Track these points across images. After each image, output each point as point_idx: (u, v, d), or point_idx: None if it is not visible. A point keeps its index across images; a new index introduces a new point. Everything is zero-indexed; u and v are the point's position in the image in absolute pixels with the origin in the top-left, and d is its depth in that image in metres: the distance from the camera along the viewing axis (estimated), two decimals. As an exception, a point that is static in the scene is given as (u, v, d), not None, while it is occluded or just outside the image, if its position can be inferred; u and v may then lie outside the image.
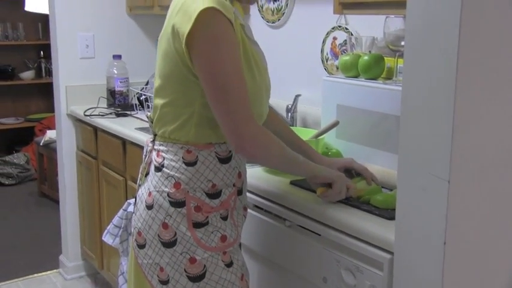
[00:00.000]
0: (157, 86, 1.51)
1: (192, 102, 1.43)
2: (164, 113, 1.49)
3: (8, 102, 5.78)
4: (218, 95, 1.37)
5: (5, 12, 5.50)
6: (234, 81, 1.36)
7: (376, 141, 1.81)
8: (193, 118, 1.45)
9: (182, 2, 1.39)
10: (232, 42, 1.37)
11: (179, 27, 1.37)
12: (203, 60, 1.36)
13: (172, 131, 1.47)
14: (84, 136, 3.15)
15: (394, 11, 1.65)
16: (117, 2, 3.29)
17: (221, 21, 1.35)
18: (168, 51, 1.43)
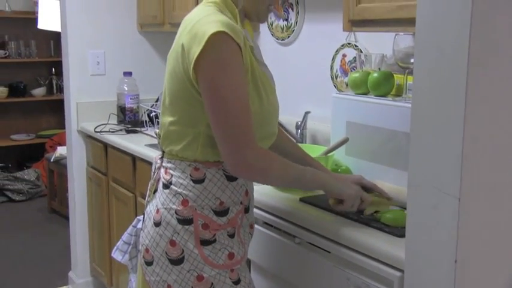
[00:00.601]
0: (164, 104, 1.52)
1: (198, 122, 1.44)
2: (171, 131, 1.49)
3: (19, 119, 5.83)
4: (218, 118, 1.38)
5: (19, 30, 5.57)
6: (234, 107, 1.36)
7: (386, 158, 1.81)
8: (200, 137, 1.45)
9: (193, 23, 1.40)
10: (238, 68, 1.38)
11: (189, 48, 1.38)
12: (207, 84, 1.37)
13: (179, 150, 1.48)
14: (95, 152, 3.17)
15: (404, 28, 1.66)
16: (128, 19, 3.33)
17: (230, 46, 1.36)
18: (176, 69, 1.44)
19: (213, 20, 1.38)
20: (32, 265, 3.82)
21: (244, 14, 1.53)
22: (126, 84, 3.19)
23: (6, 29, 5.55)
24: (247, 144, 1.38)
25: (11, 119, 5.78)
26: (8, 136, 5.71)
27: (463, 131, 1.06)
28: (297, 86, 2.57)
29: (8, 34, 5.54)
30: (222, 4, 1.48)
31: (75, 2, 3.18)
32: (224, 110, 1.36)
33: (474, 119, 1.07)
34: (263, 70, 1.52)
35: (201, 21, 1.39)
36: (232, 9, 1.48)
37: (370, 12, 1.73)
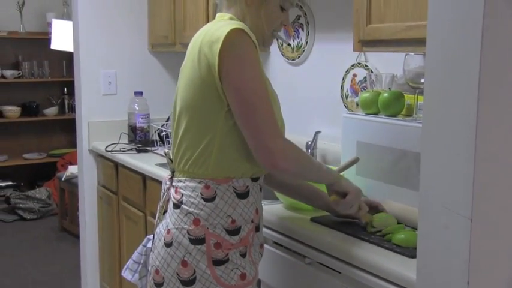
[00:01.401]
0: (177, 117, 1.53)
1: (212, 130, 1.45)
2: (184, 141, 1.50)
3: (32, 138, 5.87)
4: (246, 111, 1.40)
5: (32, 50, 5.64)
6: (261, 98, 1.40)
7: (397, 178, 1.80)
8: (214, 145, 1.45)
9: (207, 29, 1.45)
10: (257, 61, 1.43)
11: (208, 50, 1.41)
12: (232, 78, 1.40)
13: (190, 164, 1.48)
14: (105, 171, 3.18)
15: (414, 48, 1.66)
16: (140, 39, 3.36)
17: (247, 41, 1.41)
18: (193, 77, 1.46)
19: (227, 23, 1.44)
20: (42, 284, 3.82)
21: None
22: (137, 104, 3.21)
23: (20, 50, 5.62)
24: (277, 135, 1.42)
25: (24, 138, 5.83)
26: (20, 155, 5.75)
27: (474, 151, 1.06)
28: (307, 106, 2.57)
29: (22, 54, 5.61)
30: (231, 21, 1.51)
31: (87, 23, 3.22)
32: (252, 101, 1.40)
33: (486, 139, 1.07)
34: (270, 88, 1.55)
35: (215, 26, 1.44)
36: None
37: (380, 32, 1.73)
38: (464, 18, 1.06)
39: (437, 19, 1.12)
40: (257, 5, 1.52)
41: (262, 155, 1.41)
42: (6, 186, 5.62)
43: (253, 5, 1.52)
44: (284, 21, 1.57)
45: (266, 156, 1.41)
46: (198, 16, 2.79)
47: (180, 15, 2.96)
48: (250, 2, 1.51)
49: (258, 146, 1.41)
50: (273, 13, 1.54)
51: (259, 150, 1.41)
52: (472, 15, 1.03)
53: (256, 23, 1.53)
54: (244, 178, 1.49)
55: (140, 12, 3.34)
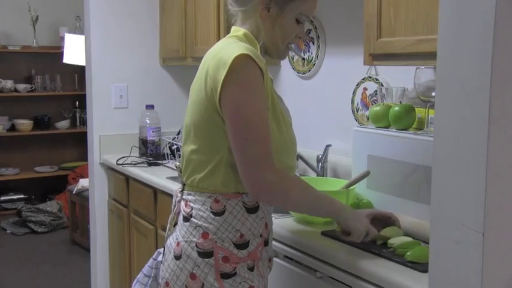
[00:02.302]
0: (186, 134, 1.54)
1: (220, 149, 1.46)
2: (192, 160, 1.51)
3: (43, 151, 5.91)
4: (238, 140, 1.40)
5: (45, 64, 5.70)
6: (255, 129, 1.39)
7: (408, 192, 1.79)
8: (221, 165, 1.46)
9: (217, 52, 1.45)
10: (260, 91, 1.41)
11: (214, 73, 1.41)
12: (230, 104, 1.40)
13: (200, 180, 1.49)
14: (116, 185, 3.19)
15: (424, 62, 1.66)
16: (151, 53, 3.39)
17: (253, 69, 1.40)
18: (200, 97, 1.46)
19: (236, 46, 1.43)
20: (52, 297, 3.82)
21: (264, 51, 1.56)
22: (148, 117, 3.23)
23: (33, 64, 5.68)
24: (268, 165, 1.40)
25: (35, 151, 5.87)
26: (32, 168, 5.79)
27: (486, 165, 1.05)
28: (318, 119, 2.57)
29: (34, 68, 5.67)
30: (244, 38, 1.52)
31: (99, 37, 3.25)
32: (246, 130, 1.39)
33: (497, 152, 1.06)
34: (280, 104, 1.55)
35: (225, 48, 1.44)
36: (254, 45, 1.51)
37: (391, 46, 1.74)
38: (475, 31, 1.06)
39: (448, 33, 1.12)
40: (272, 19, 1.51)
41: (247, 184, 1.42)
42: (18, 199, 5.65)
43: (268, 19, 1.51)
44: (299, 34, 1.56)
45: (250, 186, 1.41)
46: (209, 30, 2.81)
47: (191, 29, 2.98)
48: (265, 16, 1.51)
49: (244, 174, 1.41)
50: (289, 26, 1.53)
51: (245, 178, 1.41)
52: (482, 28, 1.03)
53: (271, 36, 1.53)
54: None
55: (152, 27, 3.36)
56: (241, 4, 1.53)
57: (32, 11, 5.46)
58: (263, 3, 1.50)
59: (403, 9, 1.69)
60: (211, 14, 2.77)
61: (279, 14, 1.50)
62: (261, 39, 1.53)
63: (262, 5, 1.50)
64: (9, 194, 5.65)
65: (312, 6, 1.55)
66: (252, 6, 1.51)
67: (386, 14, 1.75)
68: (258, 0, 1.50)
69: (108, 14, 3.25)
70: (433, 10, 1.54)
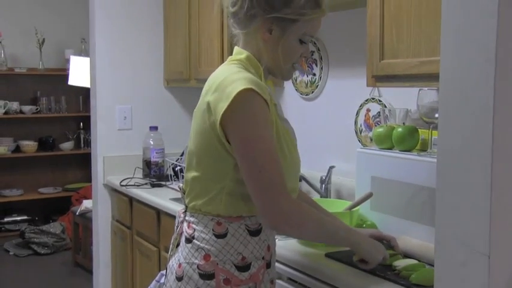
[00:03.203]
0: (189, 160, 1.54)
1: (222, 177, 1.45)
2: (195, 187, 1.50)
3: (47, 172, 5.92)
4: (252, 173, 1.39)
5: (50, 86, 5.74)
6: (268, 159, 1.38)
7: (412, 214, 1.78)
8: (223, 193, 1.46)
9: (219, 81, 1.43)
10: (267, 121, 1.40)
11: (215, 105, 1.40)
12: (239, 139, 1.39)
13: (202, 205, 1.49)
14: (120, 206, 3.18)
15: (427, 83, 1.67)
16: (155, 75, 3.41)
17: (257, 101, 1.38)
18: (203, 127, 1.46)
19: (239, 77, 1.41)
20: (54, 320, 3.79)
21: (268, 72, 1.55)
22: (152, 139, 3.23)
23: (38, 86, 5.72)
24: (284, 196, 1.39)
25: (39, 173, 5.87)
26: (36, 189, 5.79)
27: (490, 186, 1.05)
28: (321, 141, 2.57)
29: (40, 90, 5.71)
30: (247, 61, 1.51)
31: (104, 59, 3.28)
32: (258, 163, 1.38)
33: (502, 174, 1.06)
34: (285, 126, 1.54)
35: (227, 79, 1.41)
36: (257, 68, 1.50)
37: (394, 67, 1.74)
38: (478, 53, 1.06)
39: (450, 54, 1.13)
40: (274, 41, 1.49)
41: (265, 217, 1.41)
42: (22, 220, 5.64)
43: (270, 41, 1.49)
44: (304, 53, 1.53)
45: (269, 219, 1.40)
46: (212, 52, 2.83)
47: (195, 51, 3.00)
48: (267, 39, 1.49)
49: (261, 207, 1.40)
50: (292, 48, 1.50)
51: (263, 211, 1.40)
52: (485, 50, 1.04)
53: (273, 58, 1.51)
54: (256, 216, 1.49)
55: (156, 49, 3.39)
56: (243, 27, 1.51)
57: (38, 34, 5.52)
58: (265, 25, 1.47)
59: (406, 31, 1.70)
60: (214, 37, 2.79)
61: (281, 36, 1.48)
62: (264, 62, 1.52)
63: (264, 28, 1.47)
64: (12, 215, 5.64)
65: (316, 26, 1.52)
66: (253, 29, 1.49)
67: (389, 36, 1.76)
68: (259, 23, 1.47)
69: (112, 37, 3.28)
70: (436, 32, 1.55)
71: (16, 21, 5.57)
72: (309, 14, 1.46)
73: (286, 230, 1.45)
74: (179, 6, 3.16)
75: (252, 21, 1.48)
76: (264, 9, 1.45)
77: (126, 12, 3.30)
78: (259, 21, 1.47)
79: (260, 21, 1.47)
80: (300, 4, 1.45)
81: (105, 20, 3.26)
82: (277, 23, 1.47)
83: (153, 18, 3.38)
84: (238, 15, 1.49)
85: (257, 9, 1.46)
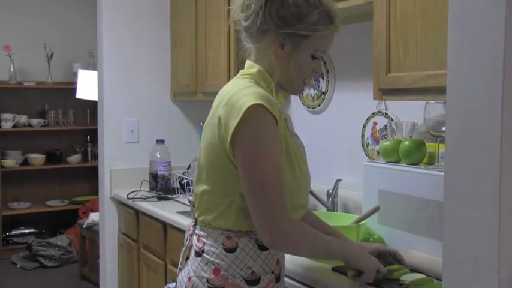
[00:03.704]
0: (199, 174, 1.54)
1: (232, 192, 1.45)
2: (204, 201, 1.50)
3: (55, 185, 5.93)
4: (253, 190, 1.39)
5: (58, 99, 5.77)
6: (270, 178, 1.38)
7: (419, 228, 1.77)
8: (233, 207, 1.45)
9: (230, 96, 1.43)
10: (274, 139, 1.39)
11: (226, 121, 1.40)
12: (244, 155, 1.39)
13: (212, 219, 1.48)
14: (126, 219, 3.18)
15: (434, 96, 1.67)
16: (162, 88, 3.42)
17: (267, 118, 1.38)
18: (212, 141, 1.45)
19: (249, 92, 1.40)
20: (60, 333, 3.77)
21: (279, 86, 1.55)
22: (159, 152, 3.24)
23: (47, 99, 5.76)
24: (283, 215, 1.39)
25: (47, 185, 5.89)
26: (43, 202, 5.80)
27: (499, 199, 1.04)
28: (327, 154, 2.57)
29: (48, 103, 5.74)
30: (258, 76, 1.50)
31: (111, 72, 3.30)
32: (259, 180, 1.38)
33: (510, 187, 1.05)
34: (295, 141, 1.53)
35: (238, 94, 1.41)
36: (269, 82, 1.50)
37: (400, 81, 1.74)
38: (485, 67, 1.06)
39: (457, 67, 1.13)
40: (286, 57, 1.48)
41: (263, 235, 1.42)
42: (29, 233, 5.65)
43: (283, 56, 1.48)
44: (316, 69, 1.53)
45: (266, 237, 1.41)
46: (219, 66, 2.84)
47: (202, 65, 3.02)
48: (279, 54, 1.48)
49: (260, 225, 1.40)
50: (304, 63, 1.49)
51: (260, 228, 1.41)
52: (492, 63, 1.04)
53: (285, 73, 1.50)
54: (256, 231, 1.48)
55: (163, 62, 3.41)
56: (255, 41, 1.51)
57: (47, 48, 5.56)
58: (277, 40, 1.47)
59: (412, 44, 1.70)
60: (221, 50, 2.81)
61: (293, 51, 1.47)
62: (275, 77, 1.51)
63: (276, 43, 1.47)
64: (20, 228, 5.65)
65: (328, 41, 1.51)
66: (266, 44, 1.48)
67: (396, 49, 1.76)
68: (272, 38, 1.47)
69: (120, 51, 3.30)
70: (442, 45, 1.55)
71: (25, 35, 5.62)
72: (321, 30, 1.46)
73: (284, 249, 1.49)
74: (186, 20, 3.18)
75: (265, 36, 1.47)
76: (277, 25, 1.45)
77: (133, 26, 3.33)
78: (272, 36, 1.47)
79: (273, 36, 1.47)
80: (313, 20, 1.45)
81: (112, 33, 3.29)
82: (290, 38, 1.46)
83: (160, 32, 3.40)
84: (251, 29, 1.49)
85: (270, 24, 1.45)
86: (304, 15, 1.44)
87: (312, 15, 1.45)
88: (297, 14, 1.44)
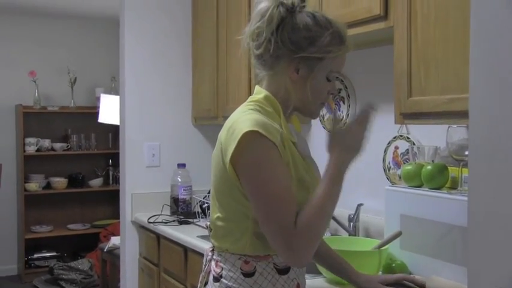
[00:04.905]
0: (212, 201, 1.55)
1: (244, 217, 1.45)
2: (219, 227, 1.50)
3: (76, 209, 5.98)
4: (260, 216, 1.39)
5: (81, 124, 5.85)
6: (273, 202, 1.37)
7: (443, 253, 1.74)
8: (248, 234, 1.45)
9: (231, 123, 1.45)
10: (274, 163, 1.38)
11: (226, 147, 1.42)
12: (246, 182, 1.39)
13: (229, 245, 1.48)
14: (147, 243, 3.19)
15: (456, 120, 1.65)
16: (183, 113, 3.45)
17: (262, 143, 1.37)
18: (219, 167, 1.47)
19: (247, 118, 1.41)
20: None
21: (297, 110, 1.54)
22: (180, 176, 3.25)
23: (69, 123, 5.84)
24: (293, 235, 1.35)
25: (69, 209, 5.94)
26: (65, 226, 5.84)
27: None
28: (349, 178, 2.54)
29: (71, 128, 5.82)
30: (264, 101, 1.50)
31: (133, 97, 3.34)
32: (264, 207, 1.37)
33: (535, 214, 1.03)
34: (308, 162, 1.53)
35: (237, 120, 1.43)
36: (276, 106, 1.50)
37: (422, 105, 1.73)
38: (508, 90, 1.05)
39: (480, 91, 1.12)
40: (302, 81, 1.48)
41: (283, 257, 1.40)
42: (51, 256, 5.68)
43: (299, 81, 1.48)
44: (331, 91, 1.53)
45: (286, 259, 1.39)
46: (240, 89, 2.86)
47: (223, 89, 3.04)
48: (295, 78, 1.48)
49: (277, 248, 1.38)
50: (320, 85, 1.49)
51: (279, 252, 1.39)
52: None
53: (302, 97, 1.50)
54: None
55: (184, 87, 3.44)
56: (269, 68, 1.51)
57: (71, 73, 5.66)
58: (292, 65, 1.47)
59: (433, 68, 1.70)
60: (242, 74, 2.83)
61: (309, 74, 1.47)
62: (292, 101, 1.51)
63: (291, 68, 1.47)
64: (42, 252, 5.69)
65: (341, 62, 1.52)
66: (280, 69, 1.49)
67: (417, 73, 1.75)
68: (286, 63, 1.47)
69: (142, 75, 3.35)
70: (464, 69, 1.54)
71: (50, 61, 5.74)
72: (334, 51, 1.46)
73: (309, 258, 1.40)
74: (207, 44, 3.22)
75: (279, 62, 1.48)
76: (290, 50, 1.45)
77: (154, 51, 3.38)
78: (286, 61, 1.47)
79: (287, 61, 1.47)
80: (325, 42, 1.45)
81: (134, 59, 3.34)
82: (304, 62, 1.46)
83: (181, 57, 3.44)
84: (264, 57, 1.49)
85: (283, 50, 1.46)
86: (316, 38, 1.45)
87: (324, 37, 1.45)
88: (309, 37, 1.45)
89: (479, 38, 1.11)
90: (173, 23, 3.42)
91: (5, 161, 5.02)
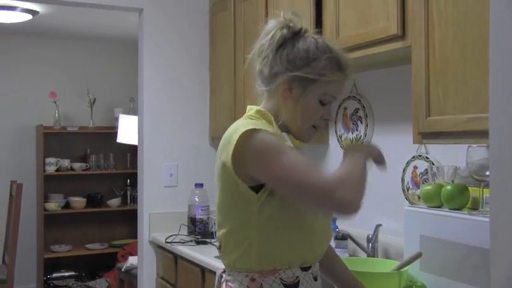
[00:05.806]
0: (217, 218, 1.56)
1: (247, 228, 1.45)
2: (226, 243, 1.51)
3: (94, 228, 6.00)
4: (295, 192, 1.39)
5: (100, 144, 5.90)
6: (300, 165, 1.38)
7: (464, 275, 1.71)
8: (253, 246, 1.45)
9: (228, 131, 1.48)
10: (279, 143, 1.41)
11: (224, 153, 1.44)
12: (262, 169, 1.40)
13: (236, 260, 1.48)
14: (165, 263, 3.18)
15: (476, 140, 1.63)
16: (201, 133, 3.46)
17: (262, 134, 1.41)
18: (220, 183, 1.50)
19: (241, 124, 1.45)
20: None
21: (285, 129, 1.56)
22: (197, 196, 3.25)
23: (88, 143, 5.89)
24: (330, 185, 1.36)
25: (87, 229, 5.96)
26: (83, 245, 5.86)
27: (547, 248, 1.00)
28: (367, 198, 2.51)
29: (90, 148, 5.87)
30: (256, 115, 1.54)
31: (151, 117, 3.36)
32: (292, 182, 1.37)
33: (559, 236, 1.01)
34: None
35: (232, 130, 1.47)
36: (268, 118, 1.53)
37: (441, 124, 1.72)
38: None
39: (500, 110, 1.10)
40: (294, 100, 1.50)
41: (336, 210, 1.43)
42: (69, 276, 5.69)
43: (290, 99, 1.50)
44: (325, 116, 1.53)
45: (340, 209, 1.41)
46: (257, 110, 2.85)
47: (240, 109, 3.04)
48: (287, 96, 1.50)
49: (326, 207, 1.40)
50: (311, 107, 1.50)
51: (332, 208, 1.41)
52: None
53: (291, 117, 1.52)
54: (292, 268, 1.46)
55: (202, 107, 3.46)
56: (266, 84, 1.55)
57: (90, 93, 5.73)
58: (286, 83, 1.50)
59: (452, 87, 1.68)
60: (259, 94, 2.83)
61: (301, 94, 1.49)
62: (281, 118, 1.53)
63: (285, 85, 1.50)
64: (60, 271, 5.70)
65: (338, 88, 1.53)
66: (275, 86, 1.52)
67: (435, 92, 1.74)
68: (281, 80, 1.50)
69: (160, 96, 3.37)
70: (483, 88, 1.52)
71: (70, 82, 5.81)
72: (328, 75, 1.48)
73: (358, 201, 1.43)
74: (225, 65, 3.24)
75: (276, 78, 1.51)
76: (286, 68, 1.49)
77: (173, 72, 3.40)
78: (281, 78, 1.50)
79: (282, 78, 1.50)
80: (321, 65, 1.48)
81: (152, 79, 3.36)
82: (298, 81, 1.49)
83: (199, 77, 3.46)
84: (264, 72, 1.54)
85: (280, 67, 1.50)
86: (312, 60, 1.48)
87: (320, 60, 1.48)
88: (306, 58, 1.49)
89: (498, 57, 1.10)
90: (190, 47, 3.44)
91: (25, 181, 5.06)
